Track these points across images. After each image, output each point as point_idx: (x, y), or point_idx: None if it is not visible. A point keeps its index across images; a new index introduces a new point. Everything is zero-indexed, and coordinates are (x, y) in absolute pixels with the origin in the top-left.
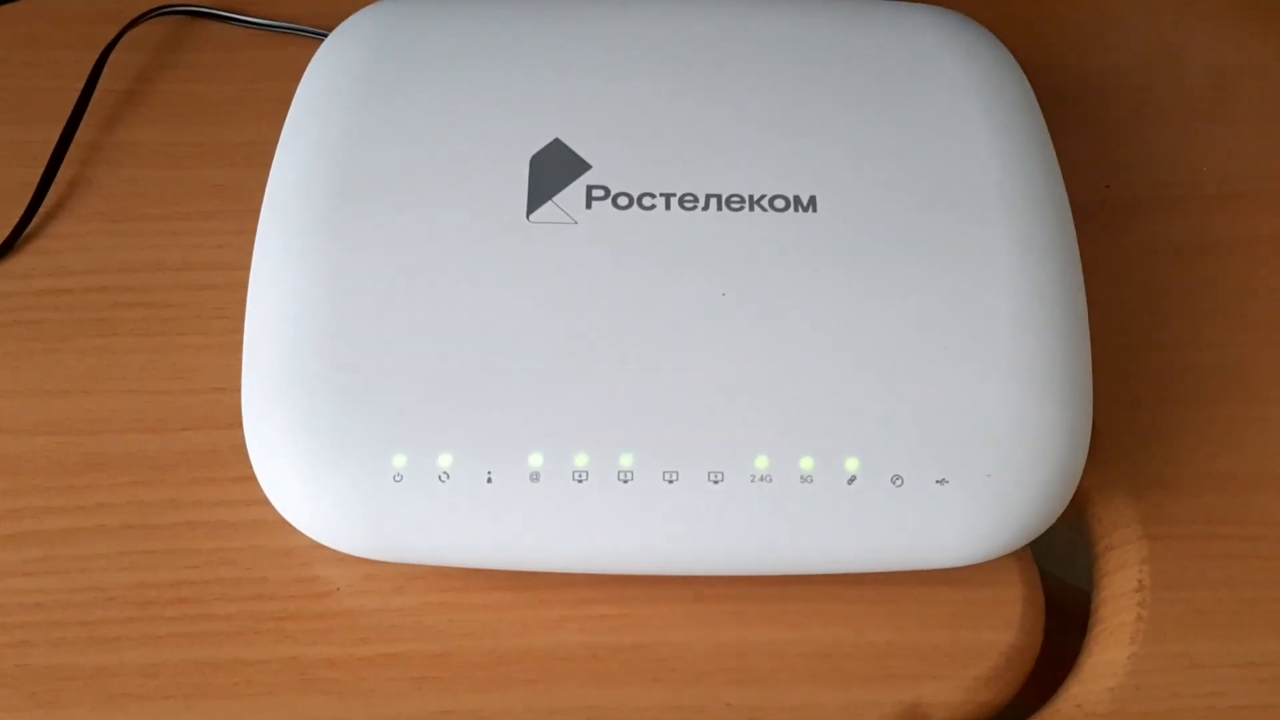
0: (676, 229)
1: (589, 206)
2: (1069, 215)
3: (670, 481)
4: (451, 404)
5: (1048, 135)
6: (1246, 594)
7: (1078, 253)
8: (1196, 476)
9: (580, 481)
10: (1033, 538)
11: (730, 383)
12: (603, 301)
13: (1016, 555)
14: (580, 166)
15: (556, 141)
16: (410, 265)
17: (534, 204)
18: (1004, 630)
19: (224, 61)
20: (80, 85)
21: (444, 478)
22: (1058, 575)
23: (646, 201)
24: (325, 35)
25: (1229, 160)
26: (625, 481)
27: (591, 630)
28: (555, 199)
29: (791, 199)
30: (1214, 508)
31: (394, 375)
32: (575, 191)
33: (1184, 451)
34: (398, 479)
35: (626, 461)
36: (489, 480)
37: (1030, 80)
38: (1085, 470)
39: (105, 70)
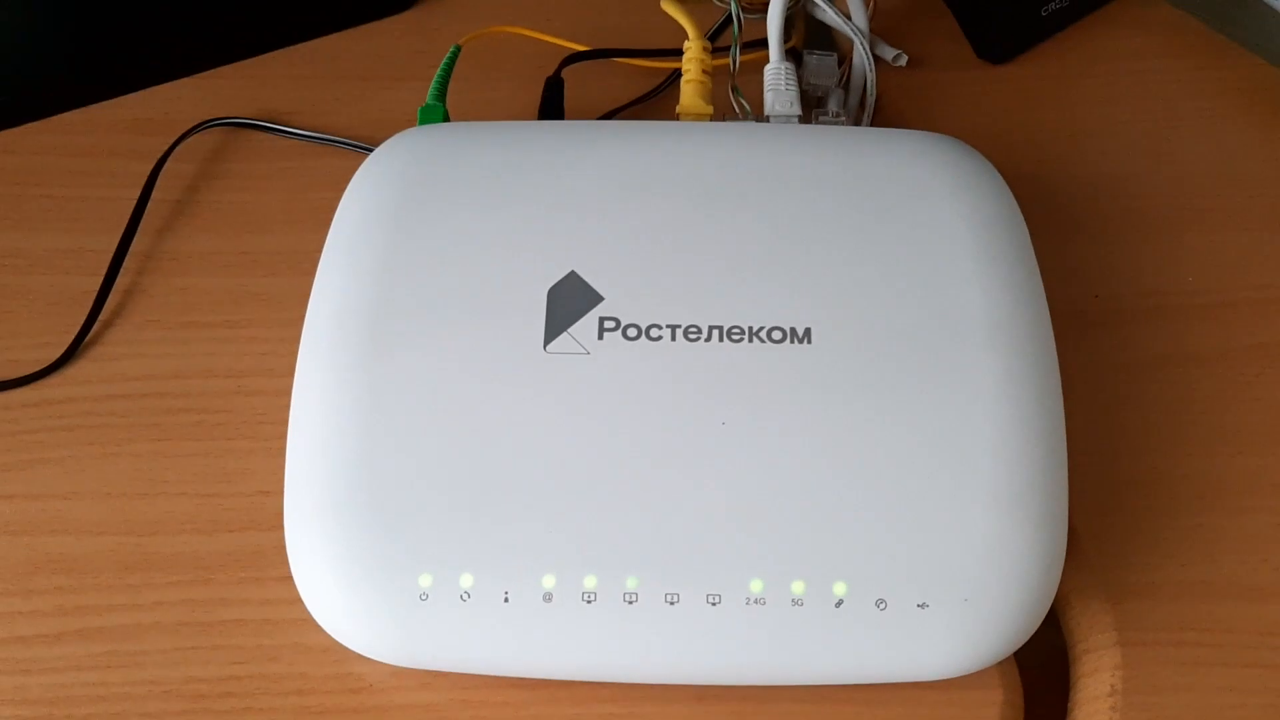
0: (681, 359)
1: (600, 338)
2: (1051, 341)
3: (672, 603)
4: (473, 527)
5: (1034, 260)
6: (1213, 700)
7: (1059, 378)
8: (1172, 584)
9: (589, 602)
10: (1009, 653)
11: (729, 509)
12: (612, 430)
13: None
14: (594, 298)
15: (573, 274)
16: (436, 394)
17: (550, 335)
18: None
19: (269, 171)
20: (132, 194)
21: (465, 597)
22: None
23: (654, 333)
24: (364, 148)
25: (1212, 269)
26: (630, 603)
27: None
28: (570, 330)
29: (788, 330)
30: (1185, 615)
31: (422, 499)
32: (588, 323)
33: (1160, 559)
34: (424, 598)
35: (632, 584)
36: (505, 600)
37: (1019, 189)
38: (1066, 575)
39: (157, 181)
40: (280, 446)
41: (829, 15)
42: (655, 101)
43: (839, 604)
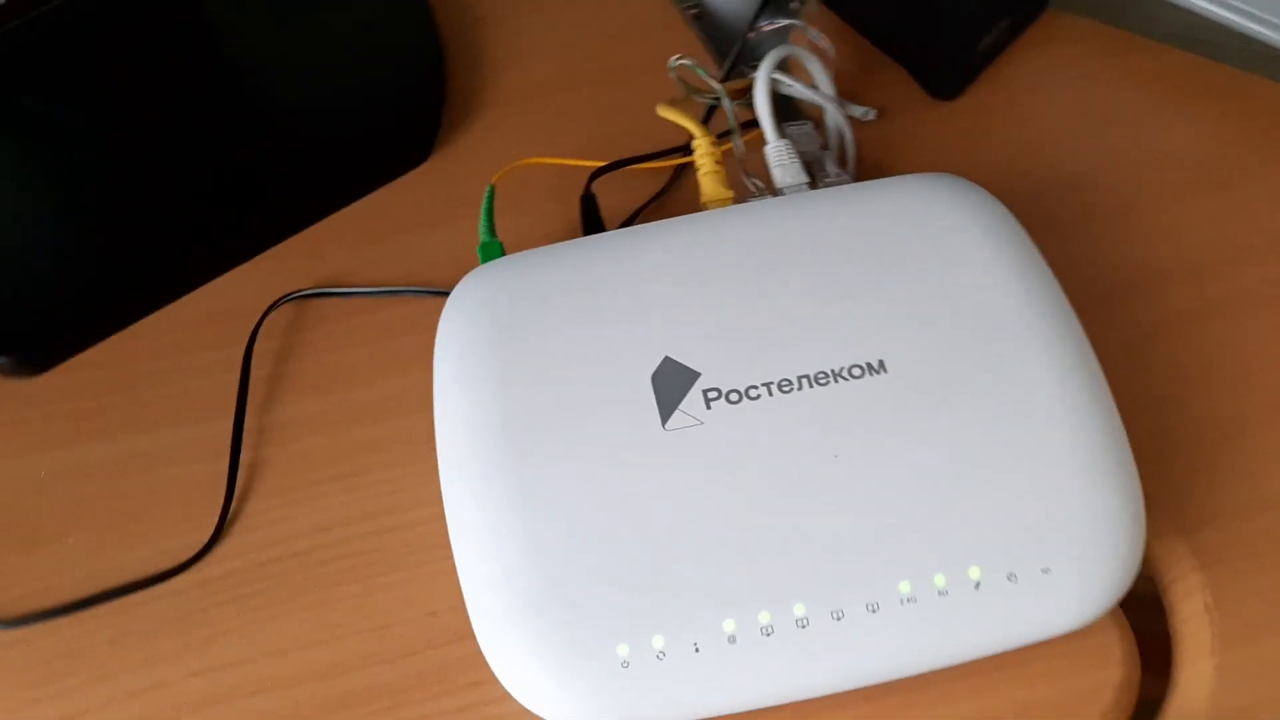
0: (783, 410)
1: (709, 407)
2: (1081, 330)
3: (838, 619)
4: (649, 594)
5: (1045, 265)
6: None
7: (1096, 360)
8: (1230, 508)
9: (768, 635)
10: (1120, 596)
11: (862, 526)
12: (743, 482)
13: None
14: (692, 375)
15: (667, 359)
16: (581, 485)
17: (665, 414)
18: (1113, 668)
19: (345, 330)
20: (227, 379)
21: (661, 656)
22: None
23: (752, 393)
24: (425, 291)
25: (1173, 236)
26: (803, 627)
27: None
28: (680, 407)
29: (865, 365)
30: (1249, 530)
31: (596, 579)
32: (694, 397)
33: (1214, 489)
34: (625, 665)
35: (800, 610)
36: (696, 650)
37: (1008, 198)
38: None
39: (252, 359)
40: (431, 570)
41: (797, 89)
42: (671, 195)
43: (977, 586)
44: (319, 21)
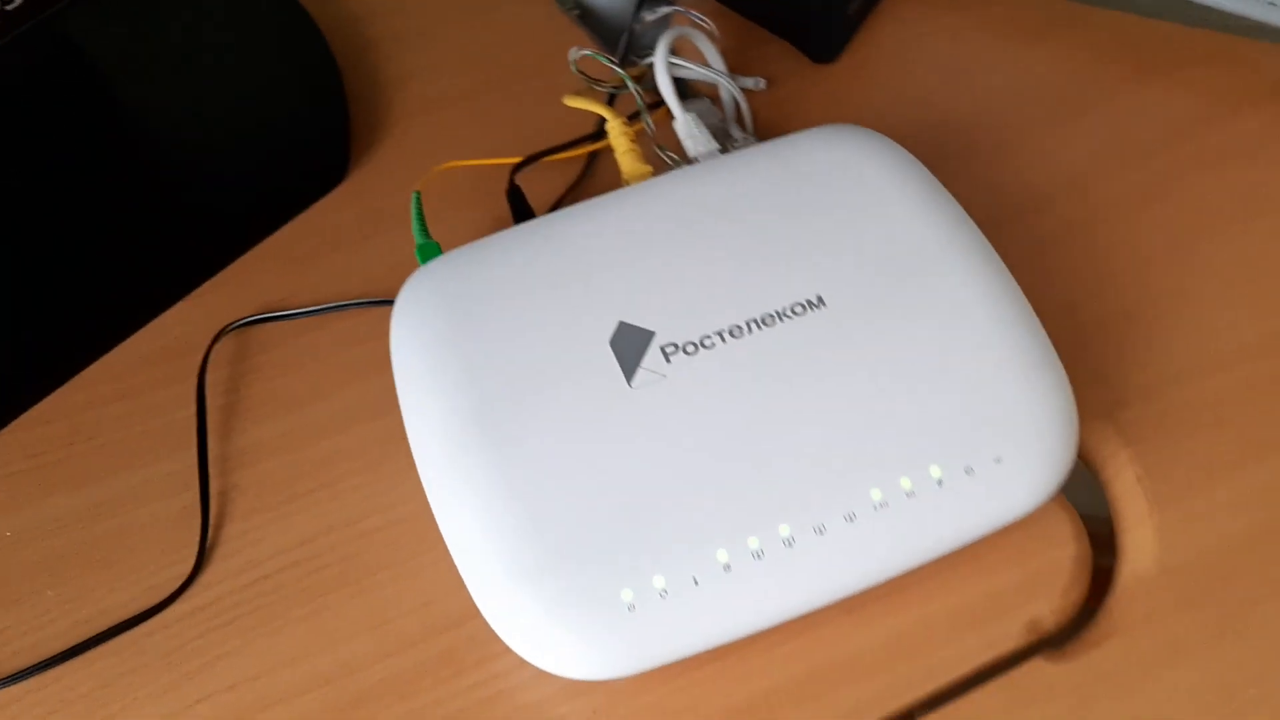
0: (737, 352)
1: (668, 361)
2: (991, 248)
3: (821, 533)
4: (642, 538)
5: (948, 193)
6: (1213, 449)
7: (1007, 269)
8: (1145, 384)
9: (759, 558)
10: (1067, 474)
11: (829, 446)
12: (712, 424)
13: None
14: (647, 335)
15: (622, 324)
16: (561, 450)
17: (628, 374)
18: (1066, 546)
19: (293, 351)
20: (182, 414)
21: (663, 594)
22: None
23: (706, 343)
24: (367, 303)
25: (1051, 160)
26: (790, 545)
27: (790, 665)
28: (642, 365)
29: (805, 303)
30: (1167, 402)
31: (590, 533)
32: (653, 354)
33: (1129, 369)
34: (631, 609)
35: (785, 531)
36: (696, 583)
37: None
38: None
39: (206, 393)
40: (419, 563)
41: (692, 70)
42: (589, 181)
43: (940, 483)
44: (215, 63)
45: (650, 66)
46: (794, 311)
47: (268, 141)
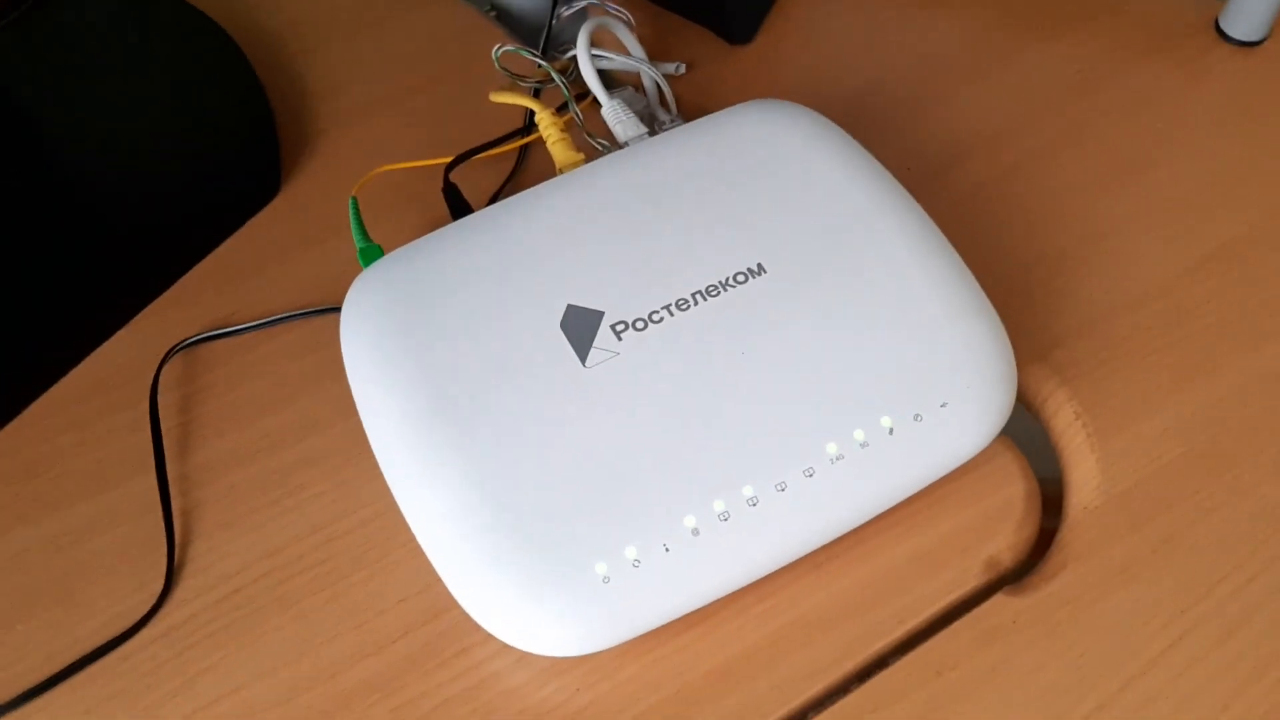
0: (686, 325)
1: (619, 339)
2: (920, 209)
3: (781, 490)
4: (610, 513)
5: (871, 156)
6: (1147, 375)
7: (935, 225)
8: (1070, 328)
9: (725, 520)
10: (1008, 413)
11: (783, 407)
12: (667, 393)
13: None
14: (596, 316)
15: (570, 306)
16: (522, 435)
17: (582, 355)
18: (1015, 484)
19: (242, 366)
20: (136, 440)
21: (636, 564)
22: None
23: (655, 318)
24: (313, 312)
25: (969, 118)
26: (754, 505)
27: (764, 625)
28: (594, 345)
29: (746, 271)
30: (1096, 339)
31: (559, 513)
32: (604, 334)
33: (1052, 318)
34: (606, 580)
35: (749, 491)
36: (667, 550)
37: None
38: None
39: (159, 414)
40: (391, 561)
41: (613, 60)
42: (522, 174)
43: (891, 431)
44: (136, 88)
45: (572, 59)
46: (736, 280)
47: (196, 162)
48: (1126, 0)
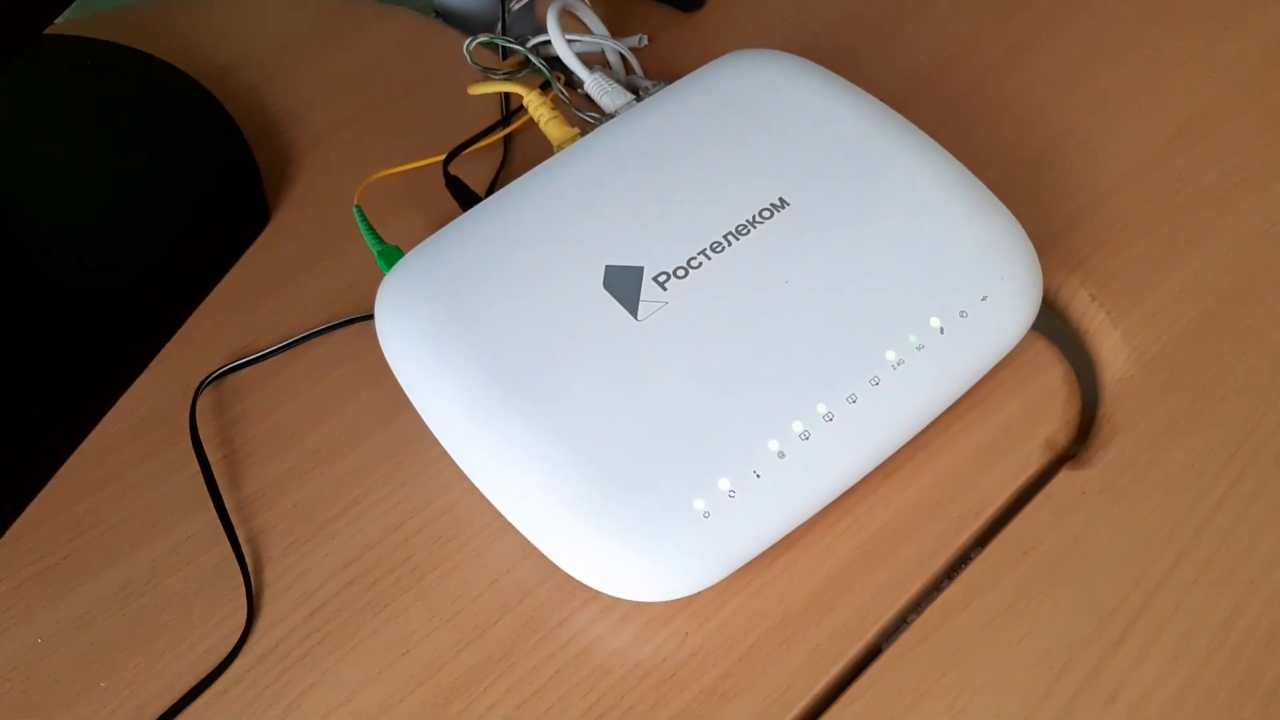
0: (726, 265)
1: (665, 289)
2: (910, 123)
3: (853, 401)
4: (696, 451)
5: (858, 87)
6: (1144, 260)
7: (934, 140)
8: (1068, 218)
9: (806, 439)
10: (1041, 298)
11: (838, 323)
12: (726, 334)
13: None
14: (637, 272)
15: (609, 267)
16: (592, 393)
17: (632, 310)
18: (1054, 368)
19: (277, 389)
20: (180, 479)
21: (732, 494)
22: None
23: (694, 264)
24: (332, 328)
25: (921, 45)
26: (830, 420)
27: (849, 540)
28: (642, 299)
29: (770, 206)
30: (1100, 221)
31: (646, 460)
32: (649, 287)
33: (1050, 211)
34: (707, 515)
35: (822, 408)
36: (758, 476)
37: None
38: None
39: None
40: (473, 548)
41: (579, 40)
42: (514, 161)
43: (941, 330)
44: (106, 139)
45: (534, 48)
46: (762, 216)
47: (179, 204)
48: None
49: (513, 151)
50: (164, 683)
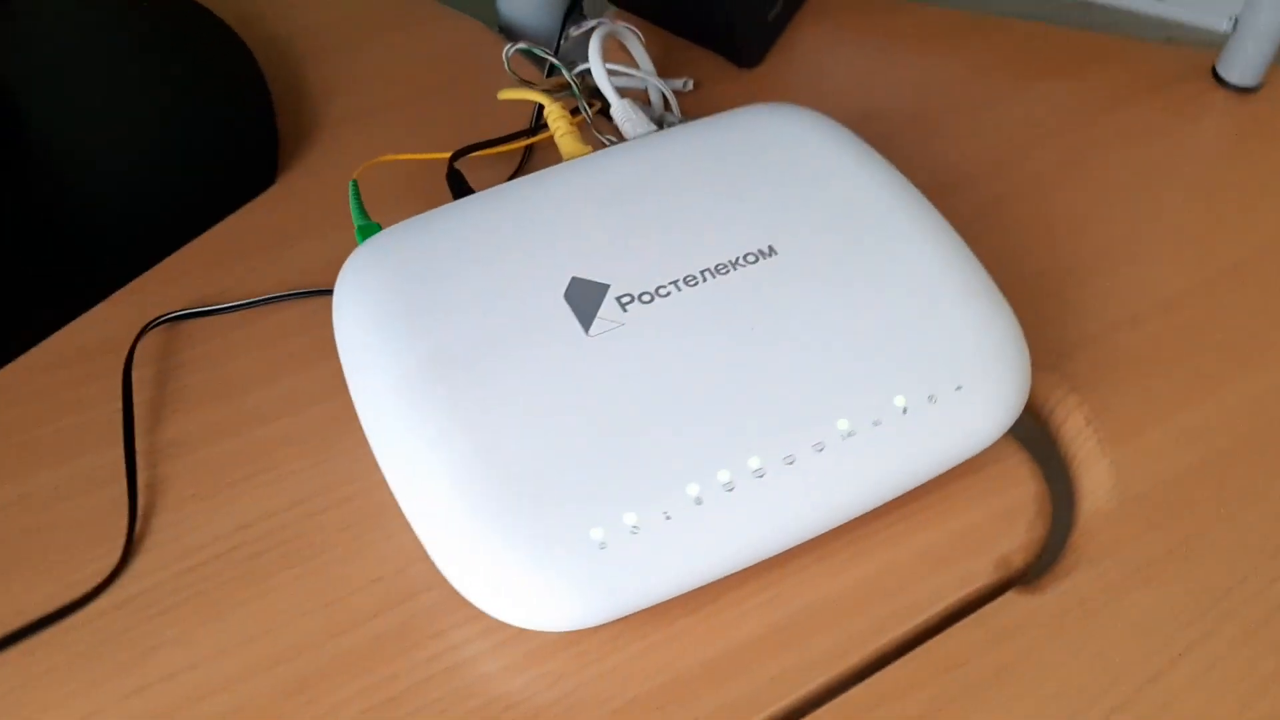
0: (694, 299)
1: (625, 310)
2: (932, 207)
3: (790, 463)
4: (610, 478)
5: (885, 159)
6: (1152, 395)
7: (949, 223)
8: (1085, 337)
9: (730, 491)
10: (1023, 404)
11: (793, 382)
12: (675, 366)
13: (1005, 440)
14: (602, 288)
15: (574, 279)
16: (522, 401)
17: (585, 325)
18: (1026, 485)
19: (225, 345)
20: (106, 411)
21: (635, 530)
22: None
23: (662, 292)
24: (302, 293)
25: (972, 143)
26: (760, 477)
27: (765, 614)
28: (599, 315)
29: (757, 252)
30: (1105, 351)
31: (555, 479)
32: (610, 305)
33: (1064, 328)
34: (603, 547)
35: (755, 463)
36: (667, 518)
37: None
38: None
39: (132, 385)
40: (367, 540)
41: (623, 73)
42: (529, 171)
43: (904, 411)
44: (144, 73)
45: (580, 75)
46: (746, 260)
47: (192, 143)
48: (1123, 48)
49: (531, 163)
50: (19, 607)
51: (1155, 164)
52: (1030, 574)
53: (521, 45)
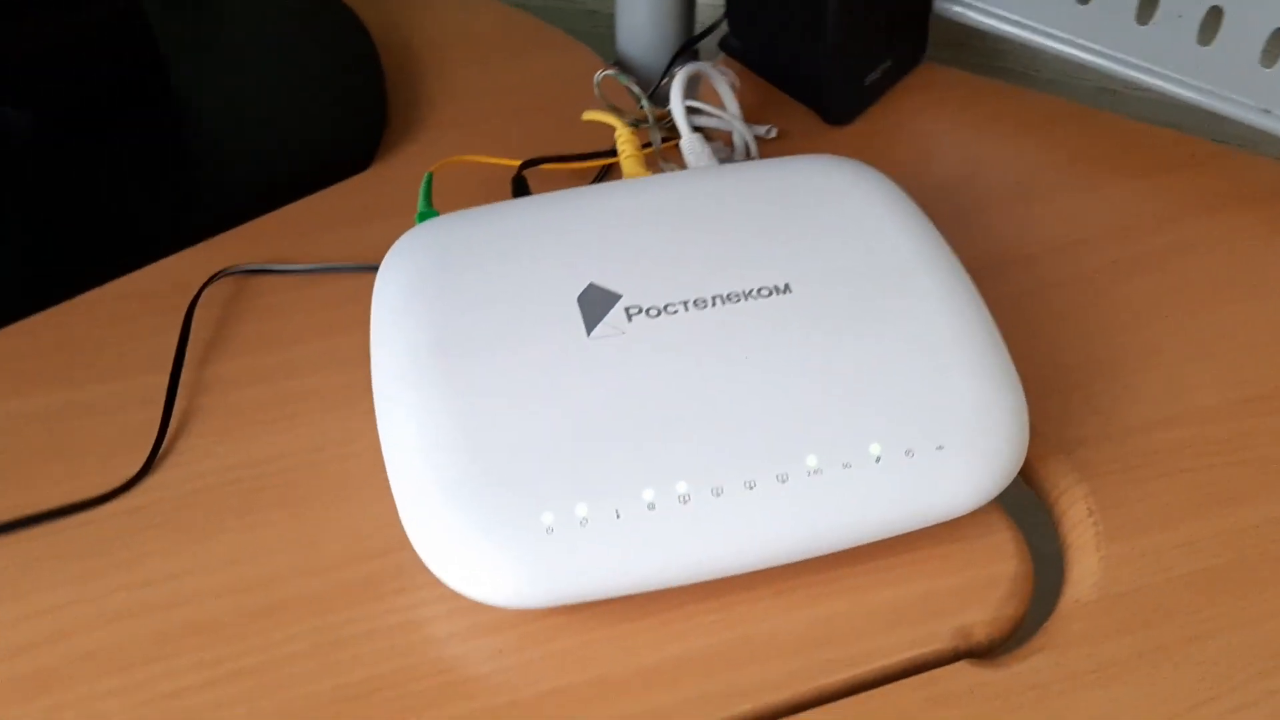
0: (698, 321)
1: (629, 320)
2: (964, 270)
3: (750, 488)
4: (572, 469)
5: (929, 219)
6: (1161, 500)
7: (974, 285)
8: (1101, 432)
9: (685, 503)
10: (1011, 478)
11: (771, 412)
12: (660, 378)
13: (996, 510)
14: (614, 297)
15: (591, 284)
16: (512, 387)
17: (589, 327)
18: (1007, 562)
19: (284, 302)
20: (163, 340)
21: (583, 522)
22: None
23: (670, 309)
24: (367, 267)
25: (1037, 227)
26: (718, 495)
27: (709, 634)
28: (604, 320)
29: (772, 288)
30: (1123, 447)
31: (521, 461)
32: (617, 313)
33: (1085, 419)
34: (550, 531)
35: (715, 480)
36: (617, 516)
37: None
38: (1030, 448)
39: (191, 324)
40: (361, 498)
41: (709, 112)
42: None
43: (878, 460)
44: (272, 48)
45: (670, 113)
46: (760, 294)
47: (304, 118)
48: (1212, 156)
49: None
50: (43, 497)
51: (1229, 275)
52: (995, 650)
53: (610, 71)
